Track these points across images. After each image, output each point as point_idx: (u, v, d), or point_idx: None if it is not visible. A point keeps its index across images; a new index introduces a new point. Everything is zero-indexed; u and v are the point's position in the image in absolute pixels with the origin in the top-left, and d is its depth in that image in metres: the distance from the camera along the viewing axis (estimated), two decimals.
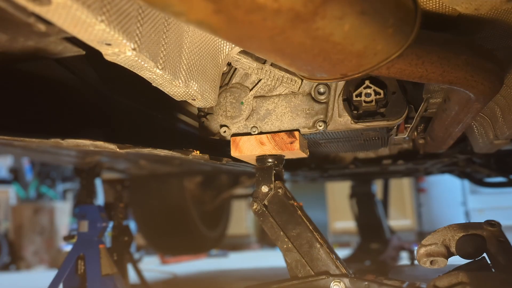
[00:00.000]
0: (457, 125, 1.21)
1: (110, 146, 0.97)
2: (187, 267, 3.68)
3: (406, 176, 3.26)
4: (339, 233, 5.13)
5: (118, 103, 1.38)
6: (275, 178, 1.12)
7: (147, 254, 5.11)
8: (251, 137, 1.11)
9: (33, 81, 1.13)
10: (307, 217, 1.09)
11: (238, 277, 2.91)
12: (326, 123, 1.09)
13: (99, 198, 2.23)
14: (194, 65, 0.88)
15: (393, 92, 1.05)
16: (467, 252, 0.96)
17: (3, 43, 0.80)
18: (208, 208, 3.20)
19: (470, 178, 2.70)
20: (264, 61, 1.08)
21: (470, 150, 1.76)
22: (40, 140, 0.94)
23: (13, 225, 4.98)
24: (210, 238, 3.21)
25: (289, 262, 1.07)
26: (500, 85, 0.92)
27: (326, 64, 0.68)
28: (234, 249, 5.52)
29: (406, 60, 0.75)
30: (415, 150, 1.96)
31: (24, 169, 5.68)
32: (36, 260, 4.85)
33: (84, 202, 1.75)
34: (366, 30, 0.61)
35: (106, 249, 1.63)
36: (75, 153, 1.51)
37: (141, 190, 2.76)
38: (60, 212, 5.18)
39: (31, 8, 0.55)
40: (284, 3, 0.49)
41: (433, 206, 4.92)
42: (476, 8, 0.77)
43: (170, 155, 1.07)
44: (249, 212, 5.53)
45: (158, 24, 0.74)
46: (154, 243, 3.14)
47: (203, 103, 0.98)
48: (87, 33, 0.61)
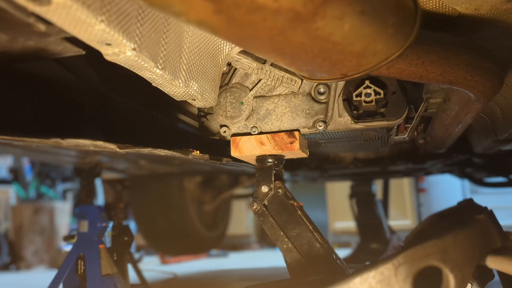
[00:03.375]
0: (457, 125, 1.21)
1: (110, 146, 0.97)
2: (187, 267, 3.68)
3: (406, 176, 3.26)
4: (339, 233, 5.13)
5: (118, 103, 1.38)
6: (275, 178, 1.12)
7: (147, 254, 5.11)
8: (251, 137, 1.11)
9: (33, 81, 1.13)
10: (307, 217, 1.09)
11: (238, 277, 2.91)
12: (326, 123, 1.09)
13: (99, 198, 2.23)
14: (194, 65, 0.88)
15: (393, 92, 1.05)
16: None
17: (3, 43, 0.80)
18: (208, 208, 3.20)
19: (470, 178, 2.70)
20: (264, 61, 1.08)
21: (470, 150, 1.76)
22: (40, 140, 0.94)
23: (13, 225, 4.98)
24: (210, 238, 3.21)
25: (289, 262, 1.07)
26: (500, 85, 0.92)
27: (326, 64, 0.68)
28: (234, 249, 5.52)
29: (406, 60, 0.75)
30: (415, 150, 1.96)
31: (24, 169, 5.68)
32: (36, 260, 4.85)
33: (84, 202, 1.75)
34: (366, 30, 0.61)
35: (106, 249, 1.63)
36: (75, 153, 1.51)
37: (141, 190, 2.76)
38: (60, 212, 5.18)
39: (31, 8, 0.55)
40: (284, 3, 0.49)
41: (433, 206, 4.91)
42: (476, 8, 0.77)
43: (170, 155, 1.07)
44: (249, 212, 5.52)
45: (158, 24, 0.74)
46: (154, 243, 3.14)
47: (203, 103, 0.99)
48: (87, 33, 0.61)
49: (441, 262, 0.74)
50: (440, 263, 0.74)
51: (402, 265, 0.73)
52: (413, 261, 0.73)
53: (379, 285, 0.72)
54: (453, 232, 0.77)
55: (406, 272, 0.73)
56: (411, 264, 0.73)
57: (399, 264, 0.73)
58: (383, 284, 0.72)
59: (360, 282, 0.72)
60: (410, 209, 4.88)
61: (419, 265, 0.73)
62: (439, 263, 0.74)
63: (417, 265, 0.73)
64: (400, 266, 0.73)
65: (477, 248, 0.78)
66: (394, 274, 0.72)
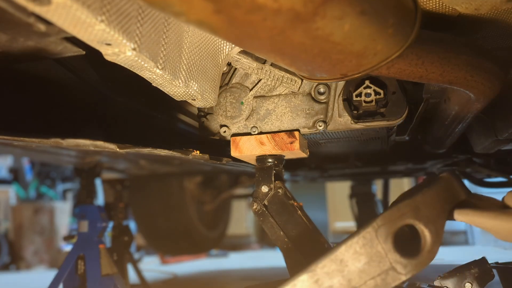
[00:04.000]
0: (457, 125, 1.21)
1: (110, 146, 0.97)
2: (187, 267, 3.68)
3: (406, 176, 3.26)
4: (339, 233, 5.13)
5: (118, 103, 1.38)
6: (275, 178, 1.12)
7: (147, 254, 5.11)
8: (251, 137, 1.11)
9: (33, 81, 1.13)
10: (307, 217, 1.09)
11: (238, 277, 2.91)
12: (326, 123, 1.09)
13: (99, 198, 2.23)
14: (194, 65, 0.88)
15: (393, 92, 1.05)
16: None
17: (3, 43, 0.79)
18: (208, 208, 3.20)
19: (470, 178, 2.70)
20: (264, 61, 1.08)
21: (470, 150, 1.75)
22: (40, 140, 0.94)
23: (13, 225, 4.98)
24: (210, 238, 3.21)
25: (289, 262, 1.07)
26: (500, 85, 0.92)
27: (326, 64, 0.68)
28: (234, 249, 5.52)
29: (406, 60, 0.75)
30: (415, 150, 1.96)
31: (24, 169, 5.68)
32: (36, 260, 4.86)
33: (84, 202, 1.75)
34: (366, 30, 0.61)
35: (106, 249, 1.63)
36: (75, 153, 1.51)
37: (141, 190, 2.76)
38: (60, 212, 5.18)
39: (31, 8, 0.55)
40: (284, 3, 0.49)
41: None
42: (476, 8, 0.77)
43: (170, 155, 1.07)
44: (249, 212, 5.53)
45: (158, 24, 0.74)
46: (154, 243, 3.14)
47: (203, 103, 0.99)
48: (87, 33, 0.61)
49: (415, 220, 0.81)
50: (415, 220, 0.80)
51: (381, 227, 0.80)
52: (390, 222, 0.80)
53: (363, 248, 0.79)
54: (422, 191, 0.83)
55: (386, 232, 0.79)
56: (389, 225, 0.80)
57: (378, 226, 0.80)
58: (366, 247, 0.79)
59: (345, 250, 0.79)
60: None
61: (396, 225, 0.80)
62: (414, 221, 0.80)
63: (394, 225, 0.80)
64: (379, 228, 0.80)
65: (445, 202, 0.85)
66: (375, 236, 0.79)
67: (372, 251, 0.78)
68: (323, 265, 0.79)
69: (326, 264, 0.79)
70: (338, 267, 0.79)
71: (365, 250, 0.79)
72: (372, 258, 0.78)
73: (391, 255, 0.78)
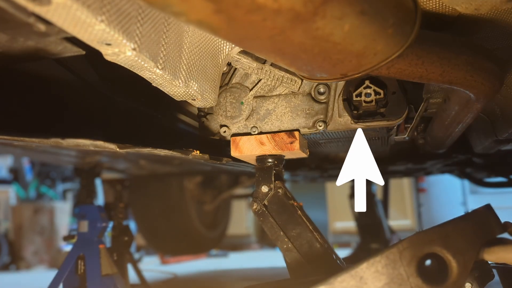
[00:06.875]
0: (457, 125, 1.21)
1: (110, 146, 0.97)
2: (187, 267, 3.68)
3: (406, 176, 3.26)
4: (339, 233, 5.13)
5: (118, 103, 1.38)
6: (275, 178, 1.12)
7: (147, 254, 5.11)
8: (251, 137, 1.11)
9: (33, 81, 1.13)
10: (307, 217, 1.09)
11: (238, 277, 2.91)
12: (326, 123, 1.09)
13: (99, 198, 2.23)
14: (194, 65, 0.88)
15: (393, 92, 1.05)
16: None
17: (3, 43, 0.79)
18: (208, 208, 3.20)
19: (470, 178, 2.70)
20: (264, 61, 1.08)
21: (470, 150, 1.75)
22: (40, 140, 0.94)
23: (13, 225, 4.98)
24: (210, 238, 3.21)
25: (289, 262, 1.07)
26: (500, 85, 0.92)
27: (326, 64, 0.68)
28: (234, 249, 5.52)
29: (406, 60, 0.75)
30: (415, 150, 1.96)
31: (24, 169, 5.68)
32: (36, 260, 4.86)
33: (84, 202, 1.76)
34: (366, 30, 0.61)
35: (106, 249, 1.63)
36: (75, 153, 1.51)
37: (141, 190, 2.76)
38: (60, 212, 5.18)
39: (31, 8, 0.55)
40: (284, 3, 0.49)
41: (433, 206, 4.91)
42: (476, 8, 0.77)
43: (170, 155, 1.07)
44: (249, 212, 5.52)
45: (158, 24, 0.74)
46: (154, 243, 3.14)
47: (203, 103, 0.98)
48: (87, 33, 0.61)
49: (444, 248, 0.77)
50: (443, 249, 0.77)
51: (406, 249, 0.76)
52: (417, 246, 0.77)
53: (385, 268, 0.76)
54: (454, 221, 0.81)
55: (411, 256, 0.76)
56: (415, 248, 0.77)
57: (403, 248, 0.76)
58: (388, 267, 0.76)
59: (367, 267, 0.76)
60: (410, 209, 4.88)
61: (423, 250, 0.77)
62: (441, 249, 0.77)
63: (420, 250, 0.77)
64: (404, 250, 0.76)
65: (476, 235, 0.82)
66: (399, 258, 0.76)
67: (394, 272, 0.75)
68: (342, 279, 0.76)
69: (345, 279, 0.76)
70: (357, 283, 0.75)
71: (387, 270, 0.75)
72: (393, 279, 0.75)
73: (413, 280, 0.75)
